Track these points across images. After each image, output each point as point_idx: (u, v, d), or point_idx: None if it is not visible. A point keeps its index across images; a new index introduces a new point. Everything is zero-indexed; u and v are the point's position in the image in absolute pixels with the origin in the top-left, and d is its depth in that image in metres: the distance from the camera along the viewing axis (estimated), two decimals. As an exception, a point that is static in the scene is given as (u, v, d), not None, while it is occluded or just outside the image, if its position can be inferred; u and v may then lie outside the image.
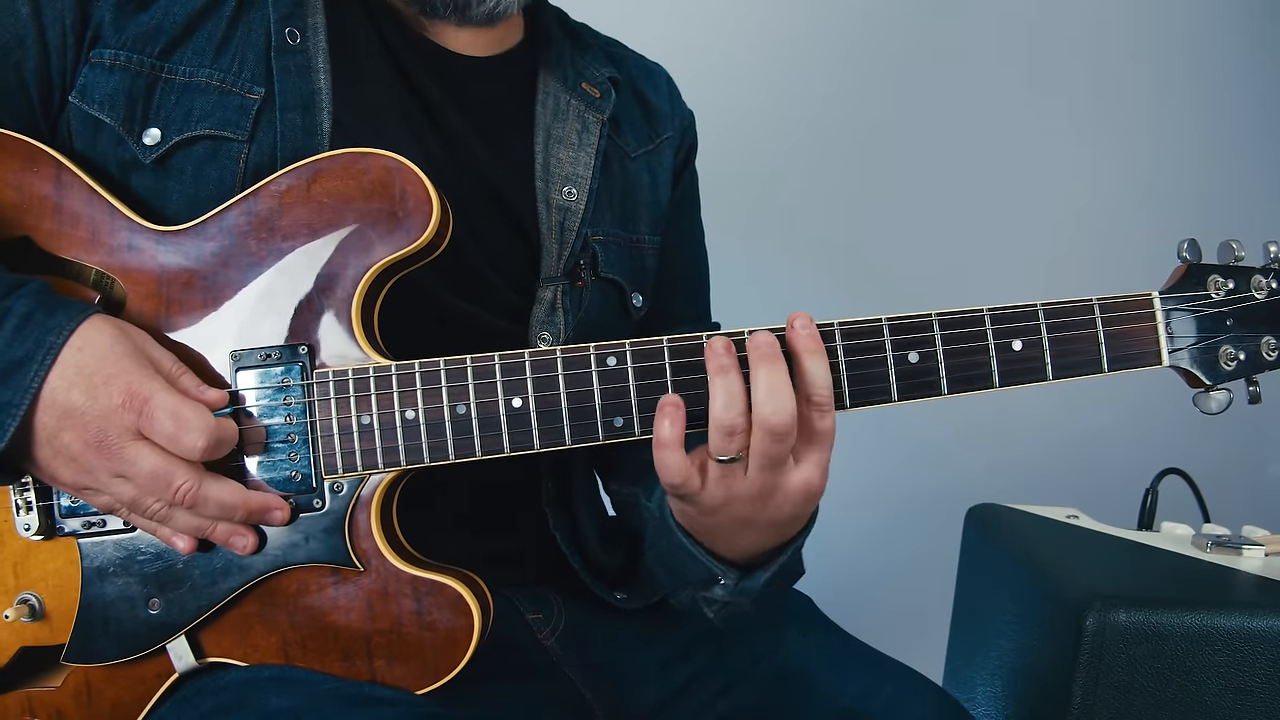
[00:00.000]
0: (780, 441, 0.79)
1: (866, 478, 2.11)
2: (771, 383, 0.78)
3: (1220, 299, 0.88)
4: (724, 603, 0.92)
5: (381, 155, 0.88)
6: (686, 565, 0.91)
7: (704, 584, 0.91)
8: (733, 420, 0.79)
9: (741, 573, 0.90)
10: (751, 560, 0.90)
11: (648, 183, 1.18)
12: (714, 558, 0.89)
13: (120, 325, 0.82)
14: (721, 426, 0.79)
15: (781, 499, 0.83)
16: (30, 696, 0.88)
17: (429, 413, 0.85)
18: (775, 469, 0.80)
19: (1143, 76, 2.28)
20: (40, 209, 0.89)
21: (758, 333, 0.82)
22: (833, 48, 2.21)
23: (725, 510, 0.84)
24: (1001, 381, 0.85)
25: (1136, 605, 1.13)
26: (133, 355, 0.80)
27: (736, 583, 0.90)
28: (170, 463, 0.79)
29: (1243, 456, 2.27)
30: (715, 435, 0.80)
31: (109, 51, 0.91)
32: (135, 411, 0.77)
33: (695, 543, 0.89)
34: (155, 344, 0.84)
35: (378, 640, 0.86)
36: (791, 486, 0.82)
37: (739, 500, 0.82)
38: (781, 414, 0.78)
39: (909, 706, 1.00)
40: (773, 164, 2.19)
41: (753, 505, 0.83)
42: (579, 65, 1.14)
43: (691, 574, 0.91)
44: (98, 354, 0.78)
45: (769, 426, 0.78)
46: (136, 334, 0.83)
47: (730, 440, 0.79)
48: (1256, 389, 0.89)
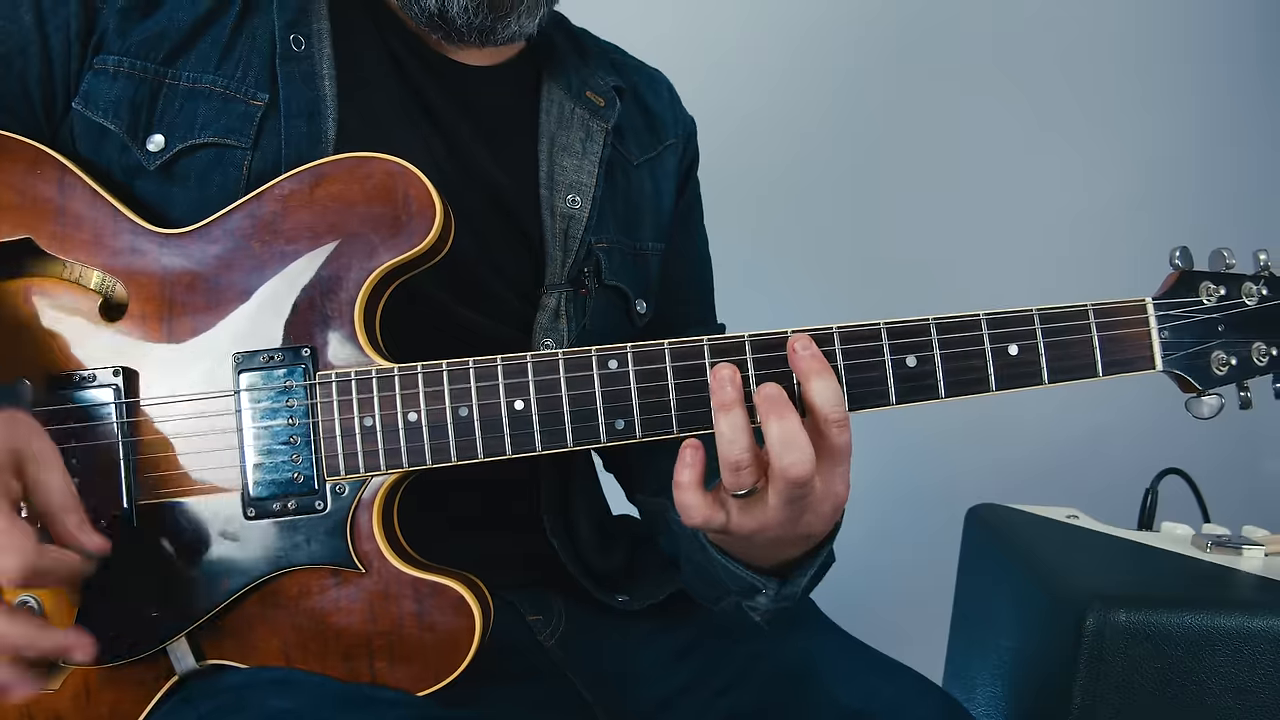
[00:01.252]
0: (802, 487, 0.78)
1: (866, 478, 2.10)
2: (785, 434, 0.77)
3: (1212, 305, 0.88)
4: (766, 609, 0.92)
5: (385, 160, 0.89)
6: (726, 579, 0.91)
7: (745, 593, 0.92)
8: (738, 457, 0.78)
9: (781, 580, 0.90)
10: (787, 567, 0.90)
11: (651, 190, 1.18)
12: (753, 571, 0.89)
13: (12, 430, 0.76)
14: (728, 463, 0.79)
15: (811, 517, 0.82)
16: (28, 699, 0.88)
17: (431, 415, 0.86)
18: (800, 501, 0.80)
19: (1139, 83, 2.28)
20: (43, 211, 0.89)
21: (765, 385, 0.80)
22: (833, 52, 2.21)
23: (758, 534, 0.83)
24: (998, 385, 0.85)
25: (1136, 605, 1.13)
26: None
27: (778, 590, 0.90)
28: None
29: (1242, 456, 2.26)
30: (725, 472, 0.79)
31: (113, 58, 0.92)
32: None
33: (732, 559, 0.90)
34: (57, 466, 0.78)
35: (379, 642, 0.86)
36: (820, 507, 0.82)
37: (769, 527, 0.82)
38: (800, 465, 0.77)
39: (910, 707, 0.99)
40: (774, 168, 2.20)
41: (782, 529, 0.82)
42: (583, 74, 1.14)
43: (733, 586, 0.92)
44: None
45: (790, 478, 0.77)
46: (37, 449, 0.77)
47: (739, 475, 0.79)
48: (1248, 394, 0.90)
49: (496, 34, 1.02)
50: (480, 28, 1.01)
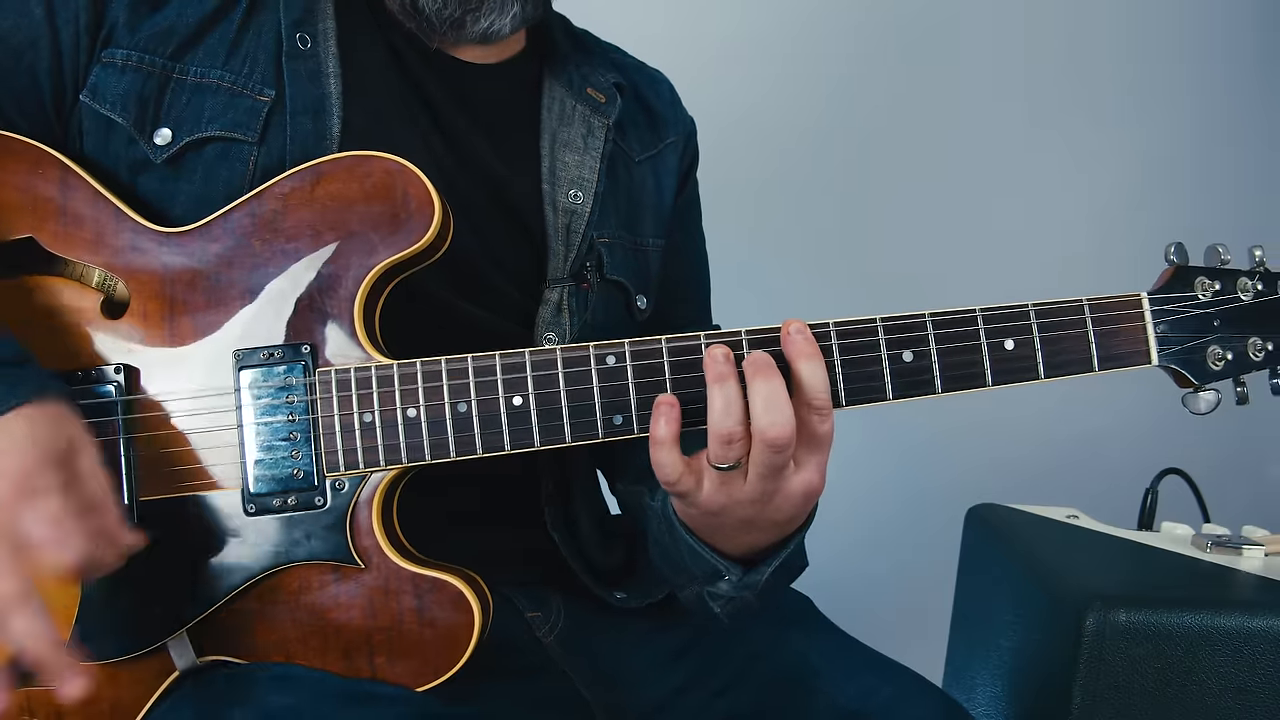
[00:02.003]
0: (780, 453, 0.79)
1: (866, 478, 2.11)
2: (769, 396, 0.79)
3: (1207, 300, 0.89)
4: (729, 598, 0.92)
5: (384, 158, 0.89)
6: (690, 561, 0.92)
7: (708, 579, 0.92)
8: (730, 429, 0.79)
9: (745, 567, 0.90)
10: (754, 555, 0.91)
11: (652, 186, 1.18)
12: (717, 554, 0.90)
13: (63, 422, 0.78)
14: (719, 435, 0.80)
15: (781, 500, 0.83)
16: (29, 695, 0.88)
17: (430, 411, 0.86)
18: (775, 476, 0.81)
19: (1134, 80, 2.28)
20: (45, 210, 0.90)
21: (754, 352, 0.82)
22: (829, 50, 2.22)
23: (727, 512, 0.84)
24: (994, 380, 0.86)
25: (1136, 605, 1.13)
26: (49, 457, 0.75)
27: (740, 577, 0.90)
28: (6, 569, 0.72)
29: (1242, 456, 2.26)
30: (714, 444, 0.80)
31: (121, 51, 0.92)
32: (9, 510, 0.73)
33: (699, 540, 0.90)
34: (95, 458, 0.79)
35: (378, 638, 0.87)
36: (791, 490, 0.83)
37: (740, 504, 0.83)
38: (780, 426, 0.78)
39: (909, 708, 0.99)
40: (770, 166, 2.20)
41: (753, 508, 0.84)
42: (584, 71, 1.14)
43: (695, 569, 0.92)
44: (15, 442, 0.75)
45: (768, 439, 0.78)
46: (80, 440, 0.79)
47: (728, 448, 0.80)
48: (1244, 389, 0.90)
49: (466, 28, 1.02)
50: (450, 19, 1.01)
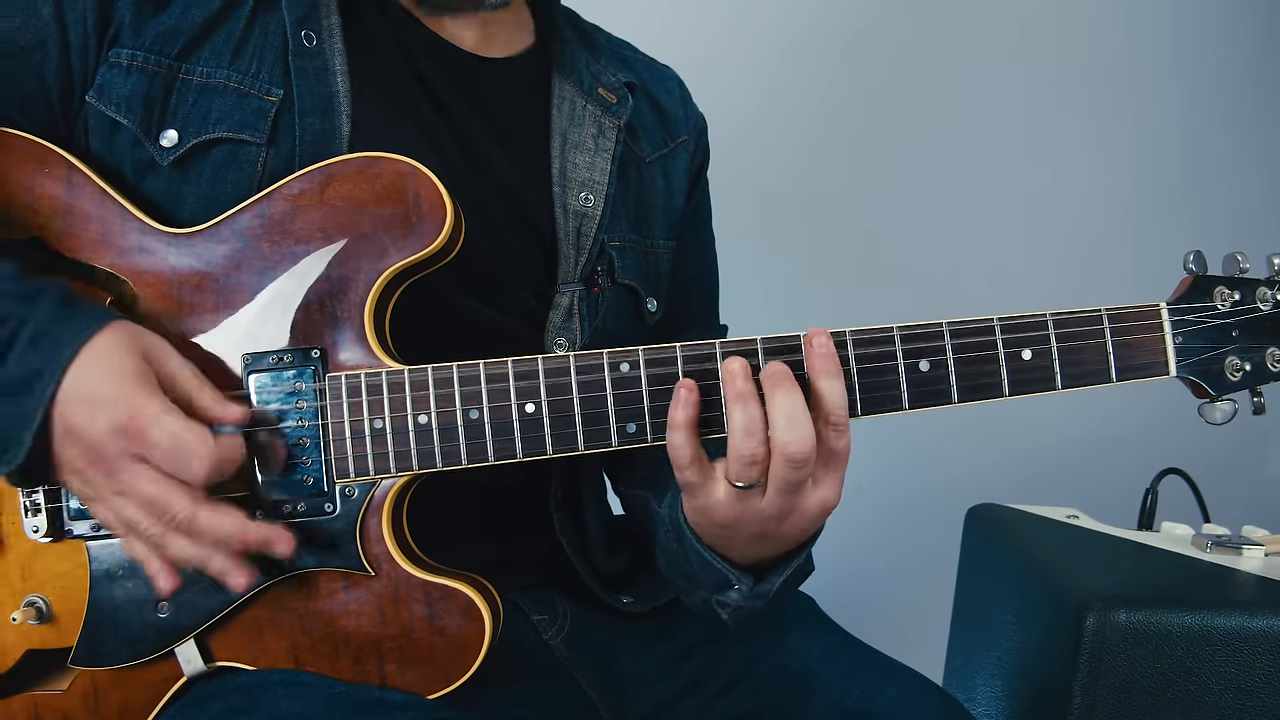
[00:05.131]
0: (800, 469, 0.79)
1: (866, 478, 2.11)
2: (790, 411, 0.78)
3: (1226, 310, 0.88)
4: (738, 606, 0.92)
5: (395, 160, 0.88)
6: (700, 569, 0.91)
7: (718, 587, 0.92)
8: (753, 450, 0.79)
9: (756, 577, 0.90)
10: (764, 564, 0.91)
11: (662, 187, 1.18)
12: (728, 564, 0.89)
13: (135, 336, 0.80)
14: (742, 457, 0.79)
15: (798, 517, 0.83)
16: (36, 700, 0.88)
17: (442, 417, 0.85)
18: (794, 492, 0.81)
19: (1154, 86, 2.28)
20: (51, 209, 0.88)
21: (772, 363, 0.81)
22: (835, 52, 2.21)
23: (740, 525, 0.84)
24: (1011, 390, 0.86)
25: (1136, 605, 1.13)
26: (138, 374, 0.77)
27: (751, 587, 0.90)
28: (168, 488, 0.77)
29: (1243, 456, 2.28)
30: (735, 464, 0.80)
31: (126, 52, 0.91)
32: (134, 436, 0.75)
33: (709, 549, 0.90)
34: (174, 354, 0.82)
35: (389, 645, 0.86)
36: (808, 507, 0.82)
37: (755, 519, 0.83)
38: (801, 441, 0.78)
39: (911, 708, 1.00)
40: (777, 169, 2.19)
41: (768, 524, 0.83)
42: (594, 70, 1.13)
43: (705, 578, 0.92)
44: (103, 372, 0.76)
45: (789, 455, 0.78)
46: (154, 344, 0.81)
47: (750, 469, 0.79)
48: (1261, 400, 0.90)
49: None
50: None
